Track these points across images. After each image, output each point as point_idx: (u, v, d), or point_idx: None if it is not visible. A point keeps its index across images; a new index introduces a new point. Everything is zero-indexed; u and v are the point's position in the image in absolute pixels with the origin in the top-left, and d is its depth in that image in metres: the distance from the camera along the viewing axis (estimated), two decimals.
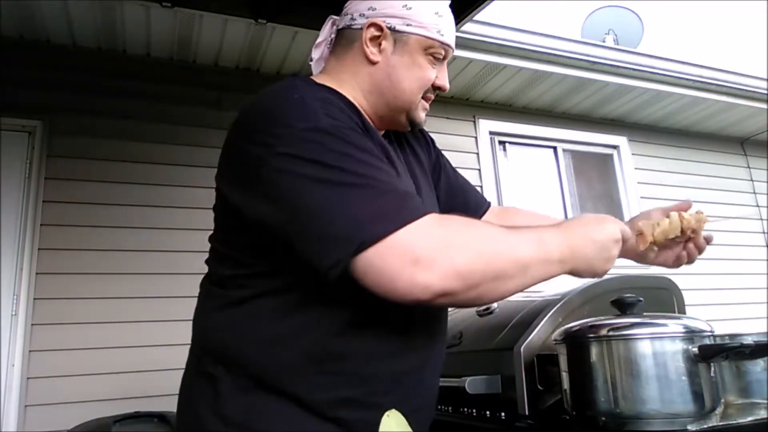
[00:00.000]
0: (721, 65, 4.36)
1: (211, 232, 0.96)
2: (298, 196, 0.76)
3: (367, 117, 0.96)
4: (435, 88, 1.00)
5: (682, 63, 4.22)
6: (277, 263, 0.84)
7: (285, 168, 0.77)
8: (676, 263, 1.08)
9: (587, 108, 4.44)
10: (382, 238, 0.72)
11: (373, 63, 0.96)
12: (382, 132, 1.04)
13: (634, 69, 4.04)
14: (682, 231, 1.00)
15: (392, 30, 0.94)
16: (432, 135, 1.22)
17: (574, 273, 0.86)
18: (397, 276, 0.72)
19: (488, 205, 1.26)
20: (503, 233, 0.80)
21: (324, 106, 0.82)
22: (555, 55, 3.76)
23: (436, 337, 0.97)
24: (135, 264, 2.96)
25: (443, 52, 0.98)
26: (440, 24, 0.96)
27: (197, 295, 0.97)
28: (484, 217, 1.24)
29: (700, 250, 1.07)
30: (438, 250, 0.73)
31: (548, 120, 4.39)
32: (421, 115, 1.02)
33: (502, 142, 4.23)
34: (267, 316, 0.85)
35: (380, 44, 0.95)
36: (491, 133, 4.17)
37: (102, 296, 2.86)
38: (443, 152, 1.24)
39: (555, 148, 4.43)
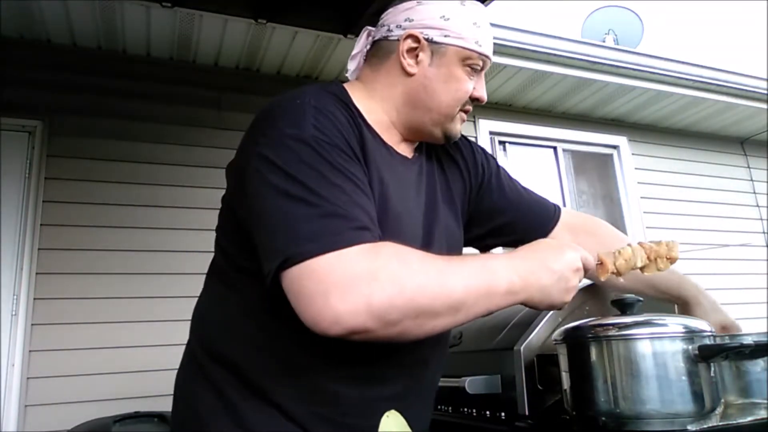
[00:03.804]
0: (721, 65, 4.37)
1: (215, 227, 0.97)
2: (260, 200, 0.77)
3: (375, 130, 0.93)
4: (473, 99, 0.98)
5: (682, 63, 4.22)
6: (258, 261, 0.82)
7: (260, 169, 0.78)
8: None
9: (587, 108, 4.44)
10: (305, 259, 0.69)
11: (409, 75, 0.94)
12: (416, 144, 1.01)
13: (634, 69, 4.05)
14: (650, 259, 0.96)
15: (430, 41, 0.93)
16: (482, 149, 1.18)
17: (529, 304, 0.82)
18: (307, 303, 0.69)
19: (557, 216, 1.18)
20: (439, 267, 0.75)
21: (316, 116, 0.81)
22: (555, 55, 3.76)
23: (419, 366, 0.94)
24: (135, 264, 2.96)
25: (481, 63, 0.96)
26: (478, 34, 0.94)
27: (201, 289, 0.98)
28: (556, 230, 1.17)
29: None
30: (355, 284, 0.68)
31: (548, 120, 4.39)
32: (458, 127, 0.99)
33: (502, 142, 4.23)
34: (249, 316, 0.85)
35: (417, 56, 0.93)
36: (491, 133, 4.17)
37: (102, 296, 2.86)
38: (498, 166, 1.19)
39: (555, 148, 4.43)
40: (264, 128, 0.82)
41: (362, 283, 0.69)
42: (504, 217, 1.15)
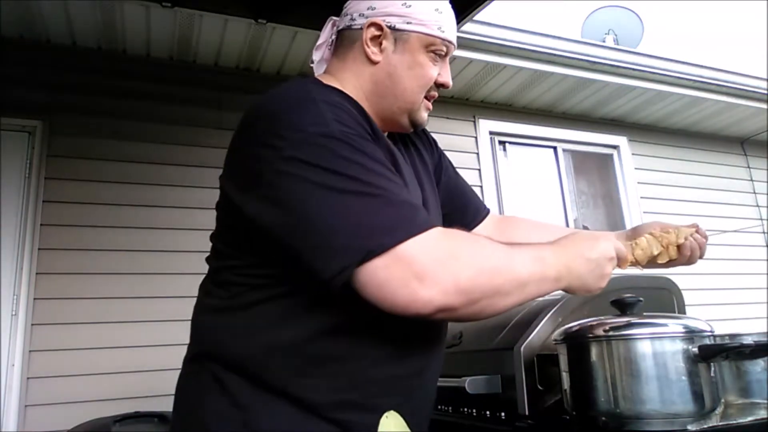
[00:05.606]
0: (721, 65, 4.36)
1: (212, 230, 0.95)
2: (303, 201, 0.75)
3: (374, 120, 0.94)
4: (438, 85, 0.99)
5: (682, 63, 4.22)
6: (275, 267, 0.83)
7: (292, 171, 0.76)
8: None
9: (587, 108, 4.44)
10: (388, 249, 0.71)
11: (374, 63, 0.95)
12: (386, 133, 1.03)
13: (634, 69, 4.04)
14: (663, 246, 1.02)
15: (392, 29, 0.94)
16: (432, 135, 1.22)
17: (569, 290, 0.87)
18: (398, 289, 0.72)
19: (487, 212, 1.26)
20: (505, 250, 0.80)
21: (334, 111, 0.81)
22: (555, 55, 3.76)
23: (435, 341, 0.96)
24: (135, 264, 2.96)
25: (445, 49, 0.97)
26: (441, 20, 0.96)
27: (197, 294, 0.97)
28: (483, 225, 1.23)
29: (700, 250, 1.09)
30: (442, 265, 0.73)
31: (548, 120, 4.39)
32: (424, 115, 1.01)
33: (502, 142, 4.23)
34: (265, 321, 0.84)
35: (381, 44, 0.95)
36: (491, 133, 4.17)
37: (102, 296, 2.86)
38: (444, 153, 1.24)
39: (555, 148, 4.43)
40: (277, 131, 0.79)
41: (448, 264, 0.73)
42: (450, 202, 1.18)
